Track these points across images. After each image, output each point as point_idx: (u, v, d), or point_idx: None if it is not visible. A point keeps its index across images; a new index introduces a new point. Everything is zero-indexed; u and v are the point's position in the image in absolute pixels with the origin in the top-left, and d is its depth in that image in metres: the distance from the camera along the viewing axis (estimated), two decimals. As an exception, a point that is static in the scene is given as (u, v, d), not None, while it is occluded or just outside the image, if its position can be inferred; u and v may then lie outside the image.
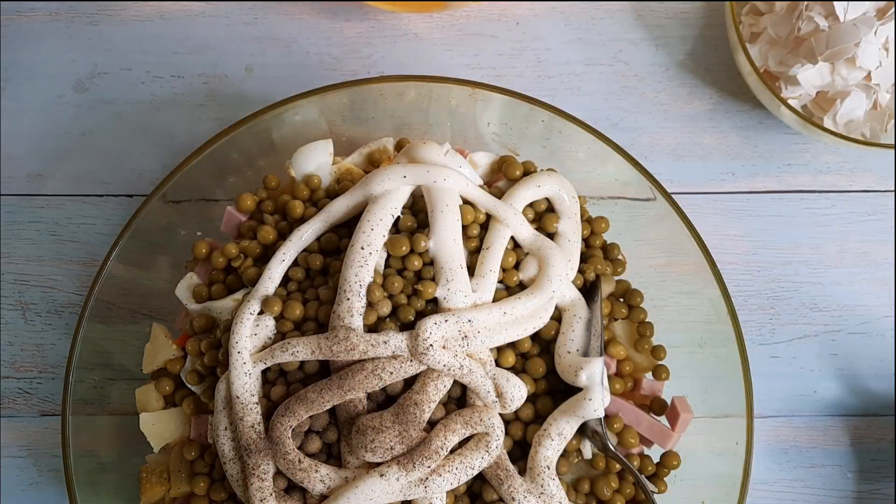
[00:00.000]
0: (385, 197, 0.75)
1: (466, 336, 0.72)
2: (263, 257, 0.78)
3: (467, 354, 0.72)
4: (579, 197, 0.81)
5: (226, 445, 0.73)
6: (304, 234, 0.76)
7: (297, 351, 0.72)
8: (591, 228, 0.82)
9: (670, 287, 0.85)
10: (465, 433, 0.71)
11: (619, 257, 0.84)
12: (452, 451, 0.71)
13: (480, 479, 0.74)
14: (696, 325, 0.84)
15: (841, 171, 0.95)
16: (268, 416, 0.72)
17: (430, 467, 0.70)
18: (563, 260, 0.76)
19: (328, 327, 0.72)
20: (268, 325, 0.74)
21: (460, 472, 0.71)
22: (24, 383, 0.91)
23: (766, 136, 0.96)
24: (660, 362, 0.82)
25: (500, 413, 0.73)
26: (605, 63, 0.96)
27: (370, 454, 0.70)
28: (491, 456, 0.72)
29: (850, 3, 0.84)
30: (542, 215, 0.79)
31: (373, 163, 0.83)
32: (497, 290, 0.75)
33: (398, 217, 0.76)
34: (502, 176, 0.81)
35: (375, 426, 0.70)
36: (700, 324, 0.83)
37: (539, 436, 0.74)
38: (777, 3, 0.89)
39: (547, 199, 0.79)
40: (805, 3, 0.86)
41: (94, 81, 0.95)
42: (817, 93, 0.89)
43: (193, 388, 0.78)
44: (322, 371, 0.74)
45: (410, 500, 0.71)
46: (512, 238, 0.77)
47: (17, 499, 0.90)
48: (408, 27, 0.96)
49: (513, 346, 0.76)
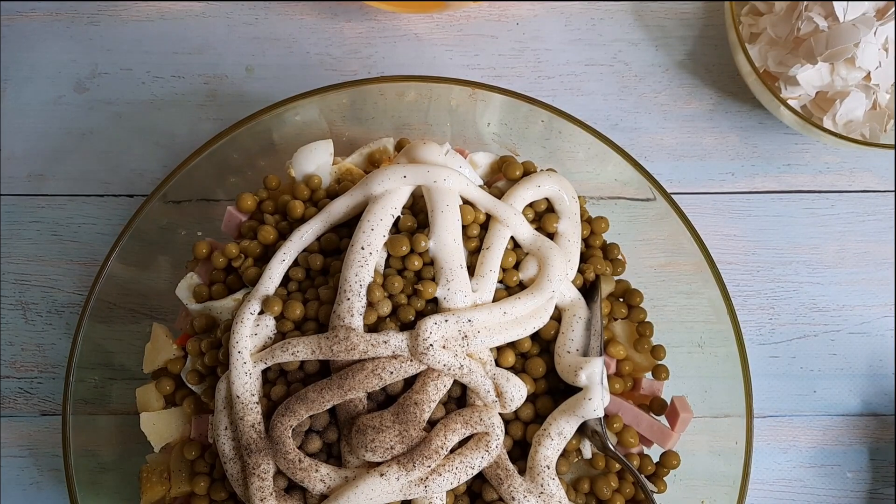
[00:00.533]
0: (385, 197, 0.75)
1: (466, 336, 0.72)
2: (264, 257, 0.78)
3: (467, 354, 0.72)
4: (579, 197, 0.81)
5: (226, 445, 0.73)
6: (305, 234, 0.76)
7: (298, 351, 0.72)
8: (591, 228, 0.82)
9: (670, 287, 0.85)
10: (465, 433, 0.71)
11: (619, 257, 0.84)
12: (452, 450, 0.72)
13: (480, 479, 0.74)
14: (695, 325, 0.84)
15: (840, 171, 0.95)
16: (268, 416, 0.73)
17: (430, 467, 0.70)
18: (562, 260, 0.76)
19: (328, 327, 0.72)
20: (268, 324, 0.74)
21: (460, 472, 0.71)
22: (24, 383, 0.91)
23: (765, 136, 0.96)
24: (659, 362, 0.82)
25: (500, 413, 0.73)
26: (605, 63, 0.96)
27: (370, 454, 0.70)
28: (491, 455, 0.72)
29: (849, 3, 0.84)
30: (542, 215, 0.79)
31: (373, 163, 0.83)
32: (497, 290, 0.76)
33: (398, 217, 0.76)
34: (502, 176, 0.81)
35: (375, 426, 0.70)
36: (700, 324, 0.83)
37: (539, 435, 0.74)
38: (777, 3, 0.89)
39: (547, 200, 0.79)
40: (804, 3, 0.86)
41: (95, 81, 0.95)
42: (817, 93, 0.89)
43: (194, 388, 0.78)
44: (322, 371, 0.74)
45: (410, 500, 0.71)
46: (512, 238, 0.77)
47: (17, 499, 0.90)
48: (408, 27, 0.96)
49: (513, 345, 0.76)
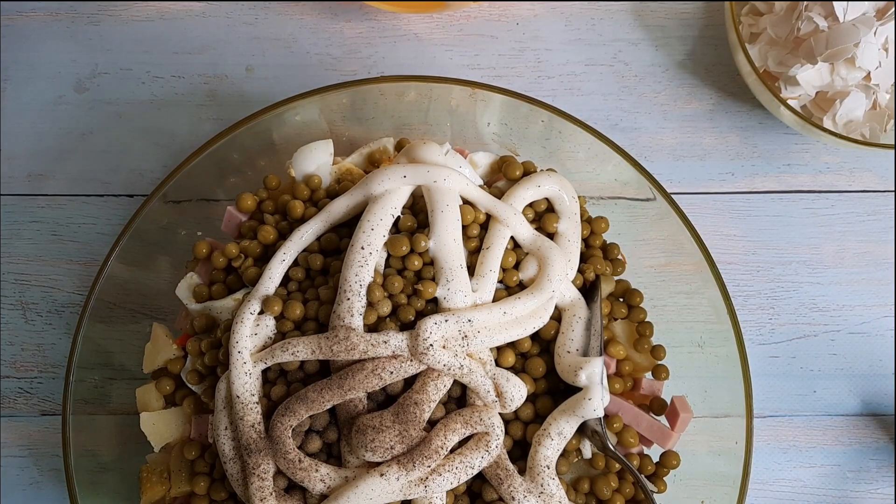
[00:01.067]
0: (385, 197, 0.75)
1: (466, 336, 0.72)
2: (264, 257, 0.78)
3: (467, 354, 0.72)
4: (579, 197, 0.81)
5: (226, 445, 0.73)
6: (305, 234, 0.76)
7: (298, 351, 0.72)
8: (591, 228, 0.82)
9: (670, 287, 0.85)
10: (465, 433, 0.71)
11: (619, 257, 0.84)
12: (452, 450, 0.72)
13: (480, 479, 0.74)
14: (695, 325, 0.84)
15: (840, 171, 0.95)
16: (268, 416, 0.73)
17: (430, 467, 0.70)
18: (562, 260, 0.76)
19: (328, 327, 0.72)
20: (268, 324, 0.74)
21: (460, 472, 0.71)
22: (24, 383, 0.91)
23: (765, 136, 0.96)
24: (659, 362, 0.82)
25: (500, 413, 0.74)
26: (605, 63, 0.96)
27: (370, 454, 0.70)
28: (491, 455, 0.72)
29: (849, 3, 0.84)
30: (542, 215, 0.79)
31: (373, 163, 0.83)
32: (497, 290, 0.76)
33: (398, 217, 0.76)
34: (502, 176, 0.81)
35: (375, 426, 0.70)
36: (700, 324, 0.83)
37: (539, 435, 0.74)
38: (776, 3, 0.89)
39: (547, 200, 0.79)
40: (804, 3, 0.86)
41: (95, 81, 0.95)
42: (817, 93, 0.89)
43: (194, 388, 0.78)
44: (322, 371, 0.74)
45: (410, 500, 0.71)
46: (512, 238, 0.77)
47: (17, 499, 0.90)
48: (408, 27, 0.96)
49: (513, 345, 0.76)
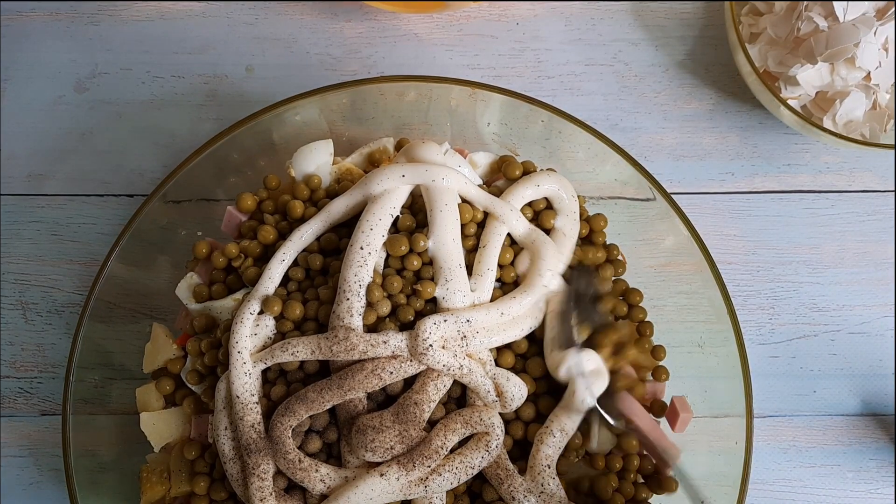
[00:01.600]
0: (384, 197, 0.75)
1: (465, 336, 0.72)
2: (263, 257, 0.78)
3: (467, 354, 0.72)
4: (578, 197, 0.81)
5: (226, 445, 0.73)
6: (304, 234, 0.76)
7: (297, 351, 0.72)
8: (591, 227, 0.81)
9: (670, 287, 0.85)
10: (465, 433, 0.71)
11: (619, 257, 0.84)
12: (452, 450, 0.72)
13: (480, 479, 0.74)
14: (695, 325, 0.84)
15: (840, 171, 0.95)
16: (268, 416, 0.73)
17: (430, 467, 0.70)
18: (554, 254, 0.76)
19: (328, 327, 0.72)
20: (268, 324, 0.74)
21: (460, 472, 0.71)
22: (24, 383, 0.91)
23: (765, 136, 0.96)
24: (660, 362, 0.82)
25: (500, 412, 0.73)
26: (605, 63, 0.96)
27: (370, 454, 0.70)
28: (491, 455, 0.72)
29: (849, 3, 0.84)
30: (540, 213, 0.79)
31: (373, 163, 0.83)
32: (493, 288, 0.75)
33: (397, 217, 0.76)
34: (502, 176, 0.81)
35: (375, 426, 0.70)
36: (700, 324, 0.83)
37: (542, 433, 0.73)
38: (776, 3, 0.89)
39: (546, 199, 0.79)
40: (804, 3, 0.86)
41: (95, 81, 0.95)
42: (817, 93, 0.89)
43: (194, 388, 0.78)
44: (322, 371, 0.74)
45: (410, 500, 0.71)
46: (509, 235, 0.77)
47: (17, 499, 0.90)
48: (408, 27, 0.96)
49: (511, 346, 0.75)
